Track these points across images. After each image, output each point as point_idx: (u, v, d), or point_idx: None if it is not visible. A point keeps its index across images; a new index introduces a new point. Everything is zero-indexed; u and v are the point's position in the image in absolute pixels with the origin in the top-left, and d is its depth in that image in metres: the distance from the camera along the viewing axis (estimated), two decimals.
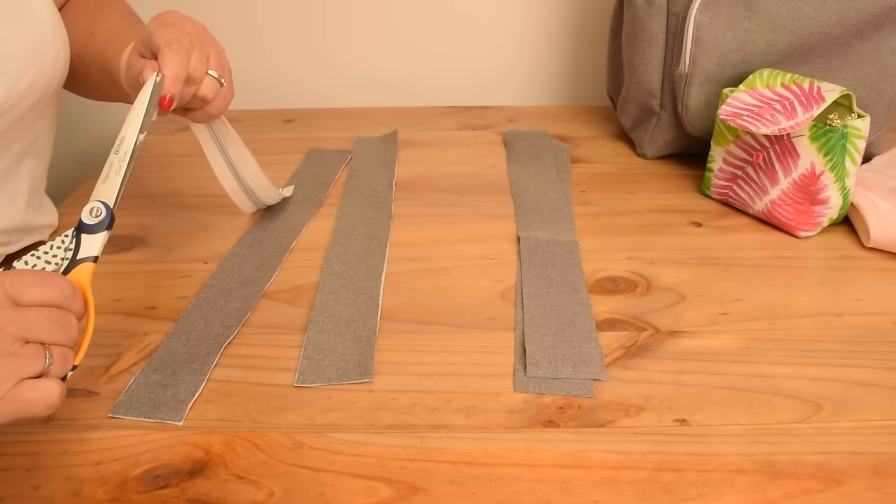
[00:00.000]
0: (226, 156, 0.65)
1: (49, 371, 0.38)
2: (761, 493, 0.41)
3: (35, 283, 0.38)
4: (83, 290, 0.44)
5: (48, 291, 0.39)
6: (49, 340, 0.38)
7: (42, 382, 0.37)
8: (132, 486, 0.42)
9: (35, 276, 0.39)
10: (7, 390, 0.35)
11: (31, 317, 0.37)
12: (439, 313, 0.58)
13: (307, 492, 0.42)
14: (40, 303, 0.38)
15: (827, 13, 0.72)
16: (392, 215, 0.72)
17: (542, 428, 0.46)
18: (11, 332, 0.36)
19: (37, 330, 0.37)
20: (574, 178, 0.79)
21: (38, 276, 0.39)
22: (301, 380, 0.50)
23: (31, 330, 0.37)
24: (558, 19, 1.00)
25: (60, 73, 0.59)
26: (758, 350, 0.53)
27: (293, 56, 1.02)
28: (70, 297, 0.40)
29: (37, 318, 0.37)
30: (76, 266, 0.45)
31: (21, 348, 0.36)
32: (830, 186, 0.65)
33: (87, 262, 0.46)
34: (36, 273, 0.39)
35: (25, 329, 0.37)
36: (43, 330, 0.38)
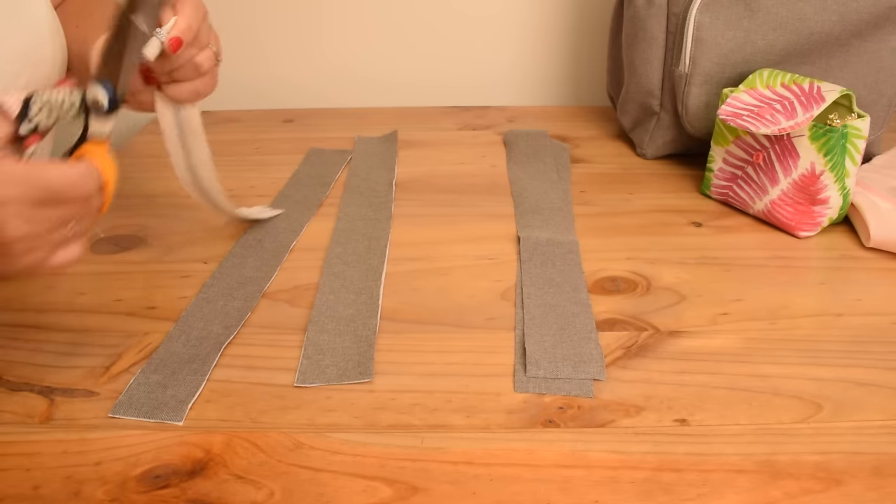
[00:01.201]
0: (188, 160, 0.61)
1: (74, 239, 0.44)
2: (761, 493, 0.41)
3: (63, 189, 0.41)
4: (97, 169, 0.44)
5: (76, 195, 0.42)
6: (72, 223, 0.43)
7: (68, 250, 0.44)
8: (132, 486, 0.42)
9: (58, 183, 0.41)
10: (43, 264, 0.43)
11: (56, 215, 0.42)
12: (439, 313, 0.58)
13: (307, 492, 0.42)
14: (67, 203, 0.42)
15: (827, 13, 0.72)
16: (392, 215, 0.72)
17: (542, 428, 0.46)
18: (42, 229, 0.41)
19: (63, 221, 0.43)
20: (574, 178, 0.79)
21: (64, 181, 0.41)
22: (301, 380, 0.50)
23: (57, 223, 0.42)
24: (558, 19, 1.00)
25: (56, 75, 0.59)
26: (758, 350, 0.53)
27: (293, 56, 1.03)
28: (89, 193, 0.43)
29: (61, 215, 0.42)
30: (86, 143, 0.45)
31: (49, 236, 0.42)
32: (830, 186, 0.65)
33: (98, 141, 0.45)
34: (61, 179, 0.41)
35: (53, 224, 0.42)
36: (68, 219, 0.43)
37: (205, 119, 0.98)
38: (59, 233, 0.43)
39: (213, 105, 1.01)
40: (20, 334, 0.55)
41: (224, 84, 1.03)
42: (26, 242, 0.41)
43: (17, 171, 0.40)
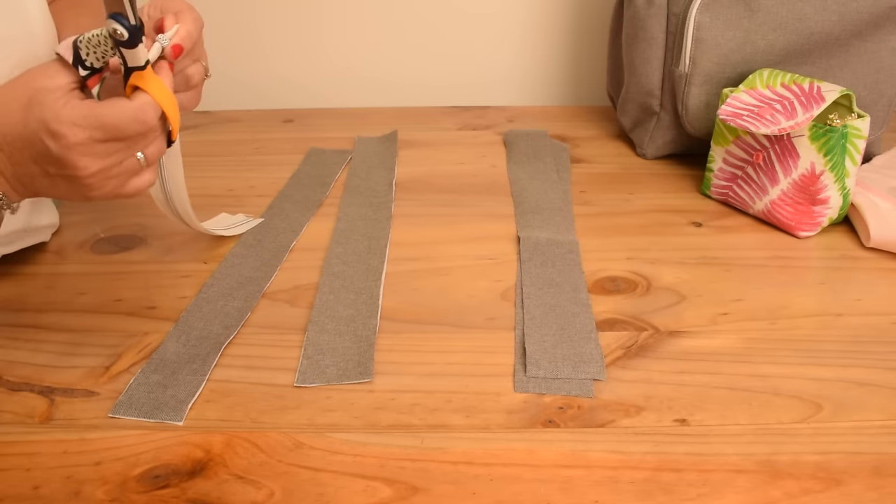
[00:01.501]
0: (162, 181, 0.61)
1: (145, 166, 0.48)
2: (761, 493, 0.41)
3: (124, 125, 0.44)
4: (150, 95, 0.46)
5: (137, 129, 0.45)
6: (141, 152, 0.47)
7: (141, 177, 0.48)
8: (132, 486, 0.42)
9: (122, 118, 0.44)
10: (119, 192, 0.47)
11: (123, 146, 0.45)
12: (439, 313, 0.58)
13: (307, 492, 0.42)
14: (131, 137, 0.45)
15: (827, 13, 0.72)
16: (392, 215, 0.72)
17: (542, 428, 0.46)
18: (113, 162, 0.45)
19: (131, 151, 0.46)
20: (574, 178, 0.79)
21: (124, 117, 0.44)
22: (301, 380, 0.50)
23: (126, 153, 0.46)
24: (558, 19, 1.00)
25: None
26: (758, 350, 0.53)
27: (293, 56, 1.02)
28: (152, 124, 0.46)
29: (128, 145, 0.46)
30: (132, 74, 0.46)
31: (121, 166, 0.46)
32: (830, 186, 0.65)
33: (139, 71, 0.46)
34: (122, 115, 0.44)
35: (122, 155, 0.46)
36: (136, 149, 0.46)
37: (205, 119, 0.99)
38: (130, 162, 0.47)
39: (213, 105, 1.01)
40: (20, 334, 0.55)
41: (224, 83, 1.03)
42: (100, 176, 0.45)
43: (81, 114, 0.43)
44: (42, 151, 0.44)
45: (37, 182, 0.47)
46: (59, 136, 0.43)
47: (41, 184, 0.47)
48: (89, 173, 0.45)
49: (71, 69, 0.45)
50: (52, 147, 0.44)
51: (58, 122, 0.43)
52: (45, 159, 0.45)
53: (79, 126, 0.43)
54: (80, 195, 0.47)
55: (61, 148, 0.44)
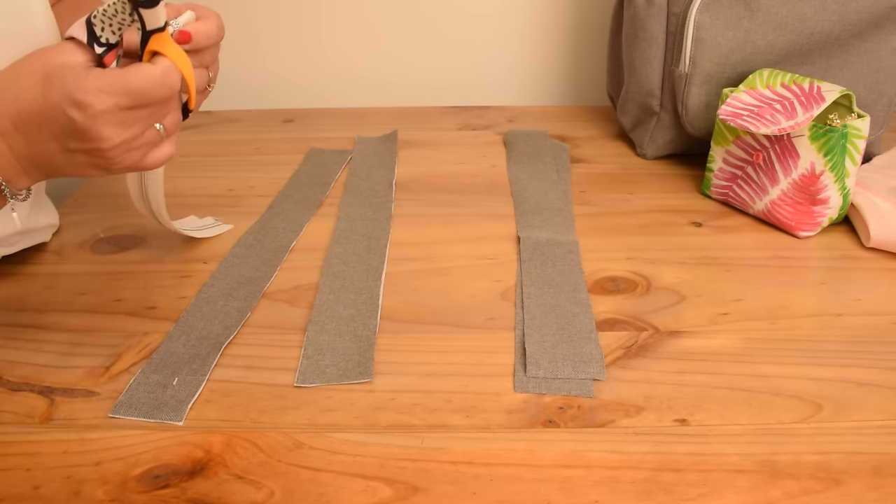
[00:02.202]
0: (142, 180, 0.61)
1: (165, 137, 0.47)
2: (761, 493, 0.41)
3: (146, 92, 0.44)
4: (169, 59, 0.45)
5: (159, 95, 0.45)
6: (161, 122, 0.46)
7: (161, 149, 0.48)
8: (132, 486, 0.42)
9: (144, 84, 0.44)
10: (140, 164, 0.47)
11: (143, 115, 0.45)
12: (439, 313, 0.58)
13: (307, 492, 0.42)
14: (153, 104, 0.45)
15: (827, 13, 0.72)
16: (392, 215, 0.72)
17: (542, 428, 0.46)
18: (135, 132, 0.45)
19: (152, 121, 0.46)
20: (574, 178, 0.79)
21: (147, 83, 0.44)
22: (301, 380, 0.50)
23: (147, 122, 0.45)
24: (558, 19, 1.00)
25: None
26: (758, 350, 0.53)
27: (293, 56, 1.02)
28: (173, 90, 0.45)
29: (149, 114, 0.45)
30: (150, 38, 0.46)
31: (143, 137, 0.45)
32: (830, 186, 0.65)
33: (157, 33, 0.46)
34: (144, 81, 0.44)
35: (143, 125, 0.45)
36: (157, 119, 0.46)
37: (205, 119, 0.99)
38: (151, 133, 0.46)
39: (213, 105, 1.01)
40: (20, 334, 0.55)
41: (224, 83, 1.03)
42: (122, 148, 0.45)
43: (107, 81, 0.43)
44: (64, 126, 0.43)
45: (53, 160, 0.45)
46: (85, 106, 0.42)
47: (58, 162, 0.46)
48: (113, 144, 0.44)
49: (86, 48, 0.45)
50: (76, 118, 0.43)
51: (83, 91, 0.42)
52: (67, 133, 0.44)
53: (105, 93, 0.43)
54: (100, 169, 0.46)
55: (87, 118, 0.43)
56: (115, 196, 0.77)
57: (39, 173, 0.47)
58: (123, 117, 0.44)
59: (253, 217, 0.71)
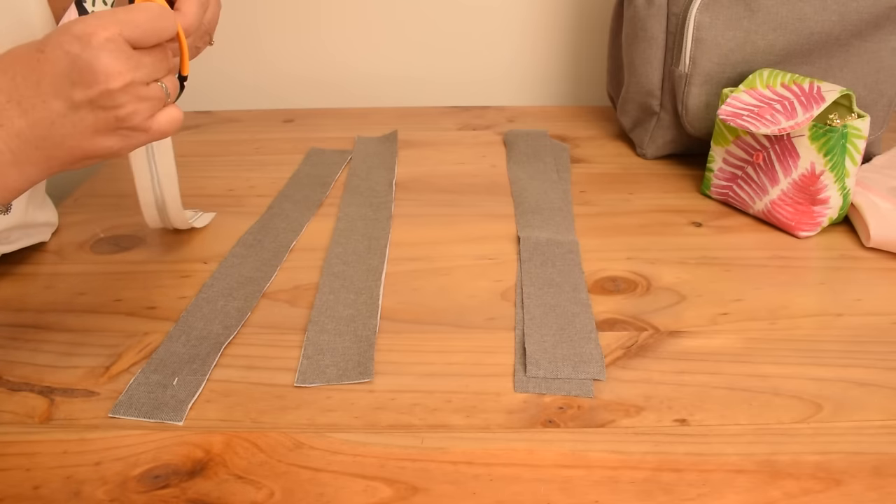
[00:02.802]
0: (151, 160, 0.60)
1: (169, 101, 0.45)
2: (761, 493, 0.41)
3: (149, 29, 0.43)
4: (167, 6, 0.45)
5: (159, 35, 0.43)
6: (161, 76, 0.44)
7: (168, 111, 0.45)
8: (132, 486, 0.42)
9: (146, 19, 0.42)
10: (149, 127, 0.44)
11: (149, 61, 0.43)
12: (439, 313, 0.58)
13: (307, 492, 0.42)
14: (153, 45, 0.43)
15: (827, 13, 0.72)
16: (392, 215, 0.72)
17: (542, 428, 0.46)
18: (142, 79, 0.42)
19: (157, 70, 0.44)
20: (574, 178, 0.79)
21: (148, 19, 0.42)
22: (301, 380, 0.50)
23: (153, 72, 0.43)
24: (558, 19, 1.00)
25: None
26: (758, 350, 0.53)
27: (293, 56, 1.03)
28: (172, 31, 0.44)
29: (153, 60, 0.43)
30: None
31: (149, 90, 0.43)
32: (830, 186, 0.65)
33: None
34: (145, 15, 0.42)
35: (149, 74, 0.43)
36: (160, 70, 0.44)
37: (205, 119, 0.99)
38: (156, 87, 0.44)
39: (213, 105, 1.01)
40: (20, 334, 0.55)
41: (224, 83, 1.03)
42: (132, 91, 0.42)
43: (104, 16, 0.41)
44: (66, 69, 0.40)
45: (56, 130, 0.41)
46: (88, 35, 0.40)
47: (61, 131, 0.41)
48: (122, 82, 0.41)
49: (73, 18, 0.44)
50: (79, 52, 0.40)
51: (83, 23, 0.40)
52: (70, 79, 0.40)
53: (106, 23, 0.41)
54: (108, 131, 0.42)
55: (91, 49, 0.40)
56: (115, 196, 0.77)
57: (35, 163, 0.42)
58: (128, 52, 0.41)
59: (253, 217, 0.71)
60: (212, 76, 1.02)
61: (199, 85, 1.00)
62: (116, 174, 0.83)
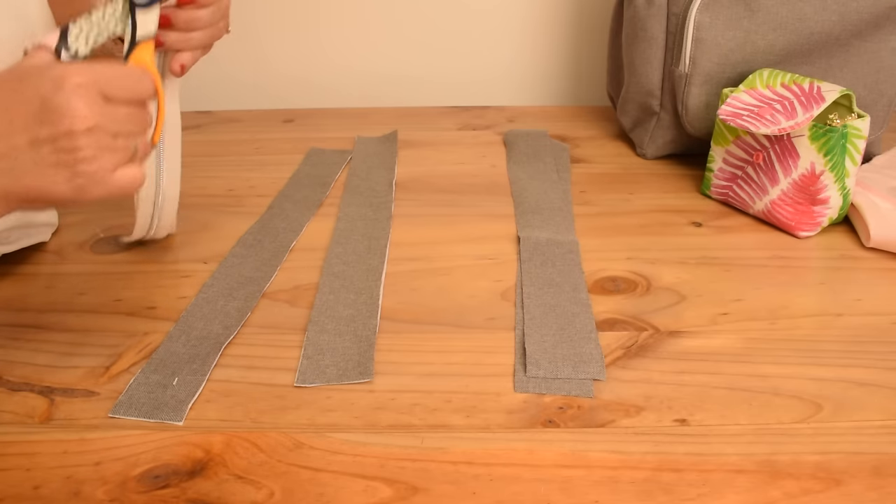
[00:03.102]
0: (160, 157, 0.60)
1: (135, 158, 0.45)
2: (761, 493, 0.41)
3: (125, 85, 0.44)
4: (152, 74, 0.46)
5: (136, 94, 0.44)
6: (133, 133, 0.44)
7: (130, 169, 0.44)
8: (132, 486, 0.42)
9: (124, 76, 0.44)
10: (106, 179, 0.43)
11: (121, 115, 0.43)
12: (439, 313, 0.58)
13: (307, 492, 0.42)
14: (128, 102, 0.44)
15: (827, 13, 0.72)
16: (392, 215, 0.72)
17: (542, 428, 0.46)
18: (107, 129, 0.42)
19: (126, 126, 0.44)
20: (574, 178, 0.79)
21: (127, 77, 0.44)
22: (301, 380, 0.50)
23: (121, 126, 0.43)
24: (558, 19, 1.00)
25: None
26: (758, 350, 0.53)
27: (293, 56, 1.02)
28: (151, 95, 0.45)
29: (125, 116, 0.44)
30: (137, 46, 0.47)
31: (114, 142, 0.43)
32: (830, 186, 0.65)
33: (147, 42, 0.47)
34: (124, 73, 0.44)
35: (117, 126, 0.43)
36: (130, 126, 0.44)
37: (205, 119, 0.99)
38: (122, 141, 0.44)
39: (213, 105, 1.01)
40: (20, 334, 0.55)
41: (224, 83, 1.03)
42: (95, 137, 0.42)
43: (83, 65, 0.42)
44: (36, 108, 0.41)
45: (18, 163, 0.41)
46: (61, 79, 0.41)
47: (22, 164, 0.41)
48: (86, 125, 0.41)
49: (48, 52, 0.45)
50: (51, 93, 0.40)
51: (61, 67, 0.41)
52: (38, 117, 0.41)
53: (84, 70, 0.42)
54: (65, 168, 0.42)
55: (63, 91, 0.41)
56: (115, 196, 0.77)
57: None
58: (99, 101, 0.42)
59: (253, 217, 0.71)
60: (212, 76, 1.02)
61: (199, 85, 1.00)
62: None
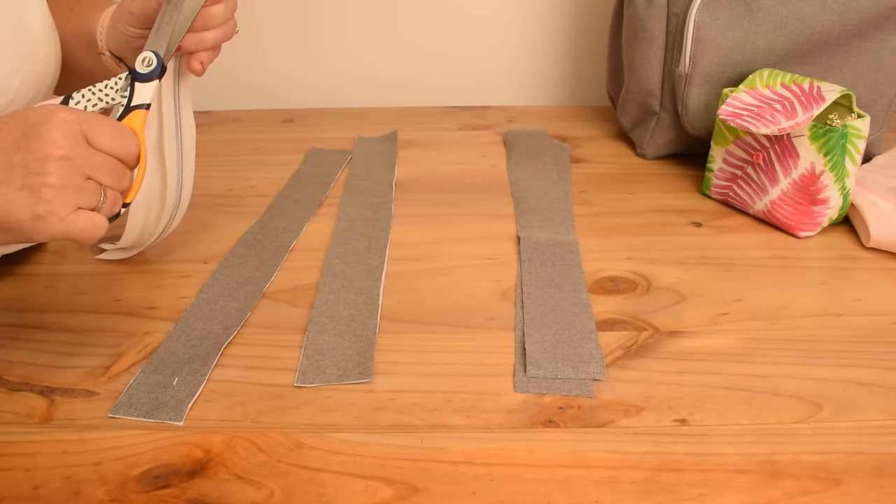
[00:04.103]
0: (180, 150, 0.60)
1: (101, 209, 0.44)
2: (761, 493, 0.41)
3: (109, 134, 0.44)
4: (139, 138, 0.47)
5: (118, 146, 0.45)
6: (106, 184, 0.44)
7: (94, 215, 0.44)
8: (132, 486, 0.42)
9: (111, 126, 0.44)
10: (66, 215, 0.42)
11: (97, 159, 0.43)
12: (439, 313, 0.58)
13: (307, 492, 0.42)
14: (108, 152, 0.44)
15: (827, 13, 0.72)
16: (392, 215, 0.72)
17: (542, 428, 0.46)
18: (80, 167, 0.42)
19: (99, 172, 0.44)
20: (574, 178, 0.79)
21: (113, 128, 0.45)
22: (301, 380, 0.50)
23: (94, 170, 0.43)
24: (558, 19, 1.00)
25: (52, 74, 0.59)
26: (758, 350, 0.53)
27: (293, 56, 1.02)
28: (133, 154, 0.46)
29: (102, 162, 0.44)
30: (131, 112, 0.49)
31: (84, 182, 0.43)
32: (830, 186, 0.65)
33: (140, 110, 0.50)
34: (111, 124, 0.45)
35: (90, 168, 0.43)
36: (104, 174, 0.44)
37: (205, 119, 0.99)
38: (94, 186, 0.43)
39: (213, 105, 1.01)
40: (20, 334, 0.55)
41: (224, 83, 1.03)
42: (64, 169, 0.42)
43: (74, 108, 0.43)
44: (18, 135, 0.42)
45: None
46: (49, 113, 0.42)
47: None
48: (60, 154, 0.41)
49: None
50: (35, 122, 0.42)
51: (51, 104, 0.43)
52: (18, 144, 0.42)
53: (73, 111, 0.43)
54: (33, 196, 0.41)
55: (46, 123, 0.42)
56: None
57: None
58: (80, 139, 0.43)
59: (253, 217, 0.71)
60: (212, 76, 1.02)
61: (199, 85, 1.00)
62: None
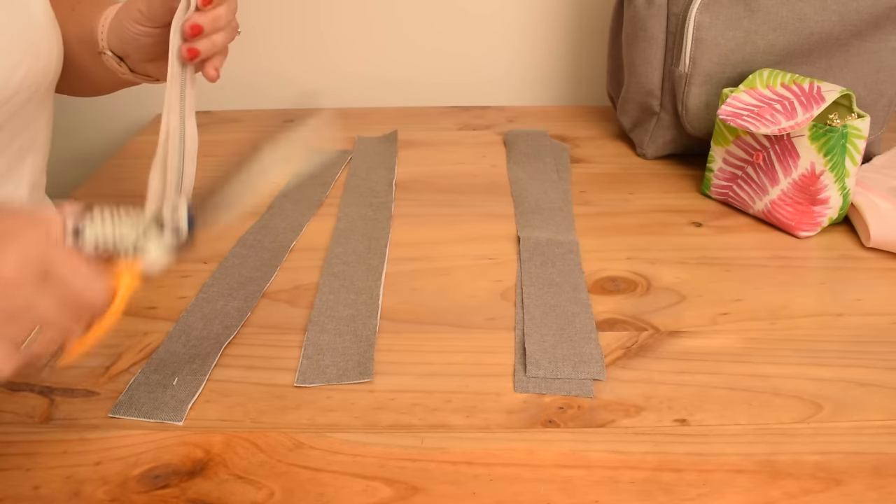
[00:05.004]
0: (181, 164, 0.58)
1: (20, 351, 0.36)
2: (761, 493, 0.41)
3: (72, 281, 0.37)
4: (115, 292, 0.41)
5: (76, 294, 0.38)
6: (38, 325, 0.37)
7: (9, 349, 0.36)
8: (132, 486, 0.42)
9: (80, 271, 0.38)
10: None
11: (42, 300, 0.36)
12: (439, 313, 0.58)
13: (307, 492, 0.42)
14: (61, 298, 0.37)
15: (827, 13, 0.72)
16: (392, 215, 0.72)
17: (542, 428, 0.46)
18: (15, 302, 0.35)
19: (36, 313, 0.36)
20: (574, 178, 0.79)
21: (82, 275, 0.38)
22: (301, 380, 0.50)
23: (31, 310, 0.36)
24: (558, 19, 1.00)
25: (54, 69, 0.59)
26: (758, 350, 0.53)
27: (293, 56, 1.02)
28: (92, 308, 0.39)
29: (46, 304, 0.36)
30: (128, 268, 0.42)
31: (9, 319, 0.35)
32: (830, 186, 0.65)
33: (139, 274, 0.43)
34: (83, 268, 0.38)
35: (26, 308, 0.36)
36: (51, 317, 0.37)
37: (205, 119, 0.98)
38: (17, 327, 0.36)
39: (213, 105, 1.01)
40: None
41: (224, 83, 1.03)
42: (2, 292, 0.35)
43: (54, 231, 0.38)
44: None
45: None
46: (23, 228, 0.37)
47: None
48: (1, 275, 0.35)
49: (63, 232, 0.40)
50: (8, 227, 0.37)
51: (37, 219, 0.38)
52: None
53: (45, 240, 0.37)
54: None
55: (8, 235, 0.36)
56: (115, 196, 0.77)
57: None
58: (33, 273, 0.36)
59: (253, 217, 0.71)
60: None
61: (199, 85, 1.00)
62: (116, 174, 0.83)
